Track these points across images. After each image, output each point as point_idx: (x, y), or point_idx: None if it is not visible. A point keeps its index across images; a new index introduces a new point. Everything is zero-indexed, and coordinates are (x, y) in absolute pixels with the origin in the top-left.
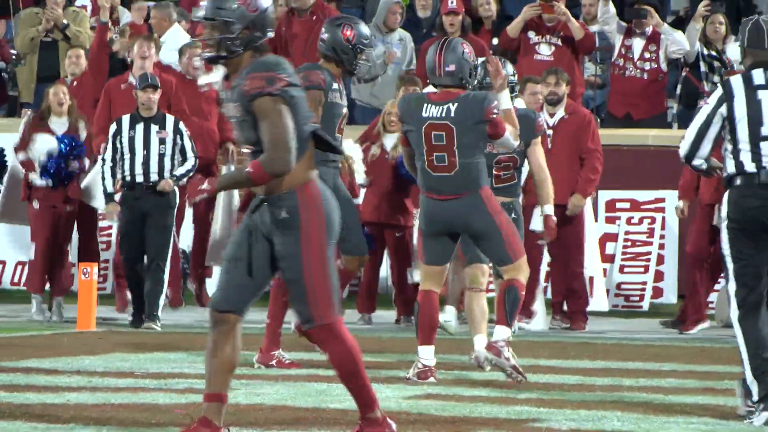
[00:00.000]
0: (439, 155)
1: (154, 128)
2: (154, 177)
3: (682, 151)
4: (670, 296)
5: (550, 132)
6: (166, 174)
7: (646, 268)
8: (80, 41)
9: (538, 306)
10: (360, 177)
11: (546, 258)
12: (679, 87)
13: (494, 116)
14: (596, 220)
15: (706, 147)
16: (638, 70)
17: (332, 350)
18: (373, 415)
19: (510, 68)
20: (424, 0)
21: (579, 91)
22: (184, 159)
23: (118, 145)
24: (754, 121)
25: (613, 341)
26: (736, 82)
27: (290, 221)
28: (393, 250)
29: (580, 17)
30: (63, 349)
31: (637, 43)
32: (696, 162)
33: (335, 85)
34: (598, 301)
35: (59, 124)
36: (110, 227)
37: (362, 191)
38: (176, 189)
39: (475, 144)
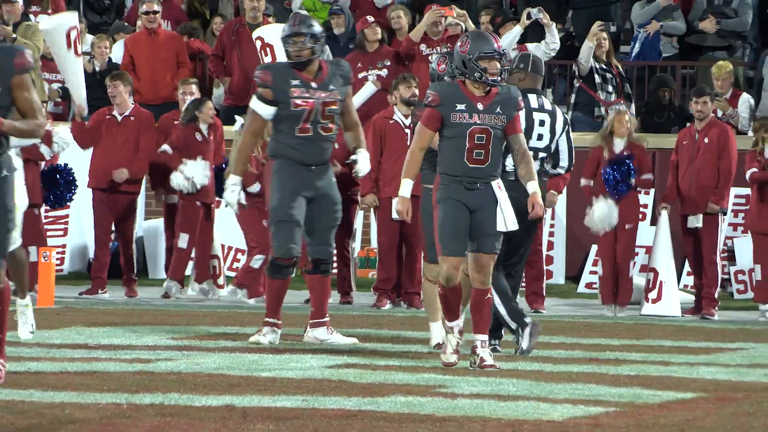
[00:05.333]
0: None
1: None
2: None
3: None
4: (559, 278)
5: (408, 131)
6: None
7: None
8: None
9: None
10: None
11: None
12: (573, 96)
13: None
14: None
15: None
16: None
17: None
18: None
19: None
20: (338, 19)
21: None
22: None
23: None
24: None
25: None
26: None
27: None
28: None
29: None
30: None
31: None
32: None
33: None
34: None
35: None
36: (67, 216)
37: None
38: None
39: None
